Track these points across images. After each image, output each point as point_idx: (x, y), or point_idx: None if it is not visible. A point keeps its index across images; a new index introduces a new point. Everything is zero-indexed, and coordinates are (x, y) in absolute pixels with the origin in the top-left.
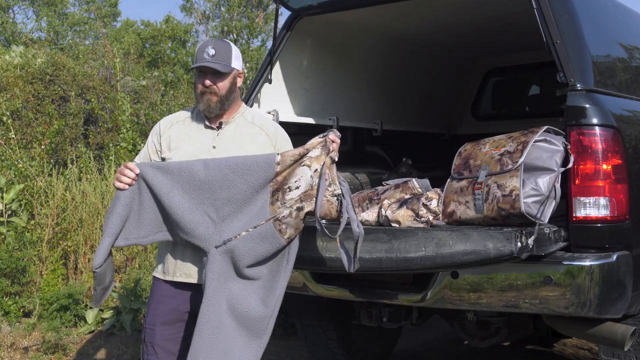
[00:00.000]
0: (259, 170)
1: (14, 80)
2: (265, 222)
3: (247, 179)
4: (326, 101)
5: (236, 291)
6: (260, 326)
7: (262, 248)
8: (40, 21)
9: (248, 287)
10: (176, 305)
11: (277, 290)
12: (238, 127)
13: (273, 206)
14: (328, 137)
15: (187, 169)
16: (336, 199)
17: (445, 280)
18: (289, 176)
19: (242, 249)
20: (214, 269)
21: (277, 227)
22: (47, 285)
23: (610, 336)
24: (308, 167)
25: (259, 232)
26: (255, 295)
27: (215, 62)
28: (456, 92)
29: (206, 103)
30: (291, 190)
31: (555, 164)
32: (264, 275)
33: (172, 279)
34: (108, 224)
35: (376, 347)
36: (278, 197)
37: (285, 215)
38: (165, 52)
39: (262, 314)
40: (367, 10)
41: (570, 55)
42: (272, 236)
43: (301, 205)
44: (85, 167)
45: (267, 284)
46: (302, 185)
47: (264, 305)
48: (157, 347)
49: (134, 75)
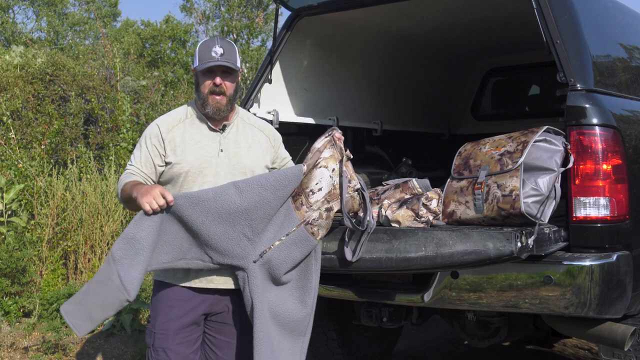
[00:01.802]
0: (290, 184)
1: (14, 80)
2: (296, 228)
3: (279, 194)
4: (326, 101)
5: (275, 298)
6: (302, 325)
7: (298, 252)
8: (40, 21)
9: (284, 292)
10: (191, 308)
11: (312, 289)
12: (238, 128)
13: (299, 211)
14: (335, 136)
15: (222, 195)
16: (357, 193)
17: (445, 280)
18: (308, 180)
19: (279, 258)
20: (257, 282)
21: (310, 230)
22: (47, 285)
23: (610, 336)
24: (325, 167)
25: (293, 239)
26: (292, 298)
27: (227, 61)
28: (456, 92)
29: (215, 106)
30: (314, 193)
31: (555, 164)
32: (297, 277)
33: (189, 284)
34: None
35: (376, 347)
36: (302, 202)
37: (316, 218)
38: (165, 52)
39: (303, 314)
40: (367, 10)
41: (570, 55)
42: (306, 240)
43: (329, 205)
44: (85, 167)
45: (302, 284)
46: (324, 186)
47: (303, 306)
48: (170, 351)
49: (134, 75)
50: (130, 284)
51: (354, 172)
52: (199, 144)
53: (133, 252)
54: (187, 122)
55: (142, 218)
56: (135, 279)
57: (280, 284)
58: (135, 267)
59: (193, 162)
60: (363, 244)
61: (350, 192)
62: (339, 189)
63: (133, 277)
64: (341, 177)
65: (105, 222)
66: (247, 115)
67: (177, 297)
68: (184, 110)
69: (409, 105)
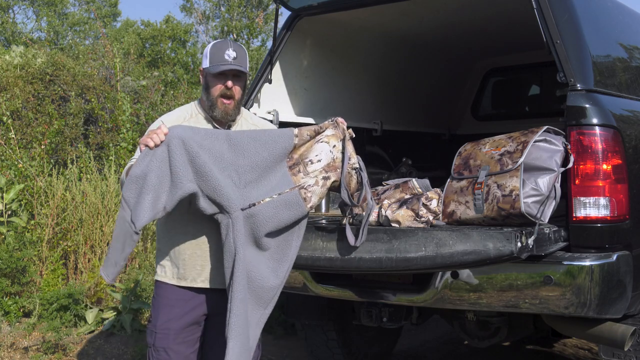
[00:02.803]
0: (280, 140)
1: (14, 80)
2: (290, 190)
3: (269, 147)
4: (326, 101)
5: (250, 258)
6: (268, 296)
7: (285, 214)
8: (40, 21)
9: (260, 256)
10: (192, 308)
11: (287, 262)
12: (242, 128)
13: (296, 177)
14: (338, 120)
15: (212, 136)
16: (355, 172)
17: (445, 280)
18: (307, 152)
19: (266, 214)
20: (240, 231)
21: (303, 194)
22: (47, 285)
23: (610, 336)
24: (327, 143)
25: (284, 199)
26: (265, 265)
27: (239, 65)
28: (456, 92)
29: (224, 110)
30: (313, 163)
31: (555, 164)
32: (275, 248)
33: (190, 284)
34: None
35: (376, 347)
36: (300, 169)
37: (312, 184)
38: (165, 52)
39: (273, 284)
40: (367, 10)
41: (570, 55)
42: (297, 203)
43: (327, 175)
44: (85, 167)
45: (278, 256)
46: (323, 158)
47: (274, 276)
48: (171, 351)
49: (134, 75)
50: (136, 217)
51: (354, 151)
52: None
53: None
54: (192, 121)
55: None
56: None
57: (260, 246)
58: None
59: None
60: (365, 226)
61: (348, 168)
62: (341, 163)
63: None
64: (343, 153)
65: (105, 222)
66: (250, 116)
67: (178, 297)
68: (190, 109)
69: (409, 105)
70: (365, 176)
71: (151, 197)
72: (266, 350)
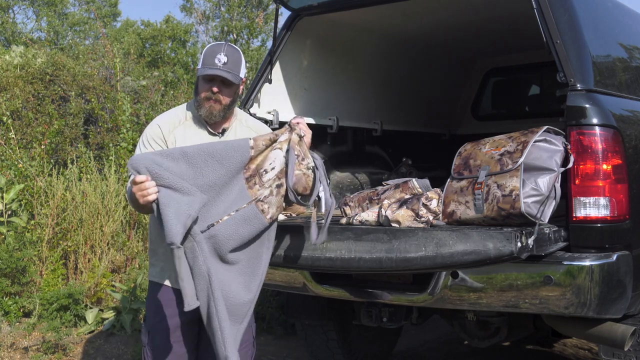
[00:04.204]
0: (235, 154)
1: (14, 80)
2: (247, 205)
3: (225, 163)
4: (326, 101)
5: (221, 276)
6: (242, 311)
7: (246, 230)
8: (40, 21)
9: (229, 273)
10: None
11: (259, 275)
12: (236, 131)
13: (252, 190)
14: (292, 122)
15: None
16: (311, 172)
17: (445, 280)
18: (263, 162)
19: (226, 233)
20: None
21: (260, 207)
22: (47, 285)
23: (610, 336)
24: (280, 149)
25: (242, 215)
26: (236, 282)
27: (228, 72)
28: (456, 92)
29: (209, 110)
30: (267, 172)
31: (555, 164)
32: (243, 260)
33: None
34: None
35: (376, 347)
36: (255, 181)
37: (267, 195)
38: (165, 52)
39: (246, 299)
40: (367, 10)
41: (570, 55)
42: (255, 217)
43: (280, 182)
44: (85, 167)
45: (248, 270)
46: (277, 166)
47: (247, 291)
48: (165, 350)
49: (134, 75)
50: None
51: (309, 151)
52: None
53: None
54: (186, 124)
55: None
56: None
57: (227, 263)
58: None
59: None
60: (326, 225)
61: (302, 169)
62: (285, 165)
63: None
64: (288, 152)
65: (105, 222)
66: (245, 117)
67: (171, 297)
68: (182, 112)
69: (409, 105)
70: (321, 173)
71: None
72: (266, 350)
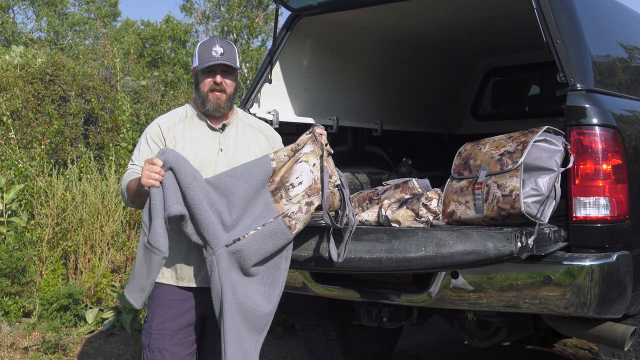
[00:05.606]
0: (257, 170)
1: (14, 80)
2: (274, 220)
3: (248, 180)
4: (326, 101)
5: (241, 290)
6: (263, 322)
7: (271, 245)
8: (40, 21)
9: (250, 284)
10: (188, 309)
11: (279, 286)
12: (238, 128)
13: (278, 204)
14: (315, 132)
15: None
16: (337, 189)
17: (445, 280)
18: (288, 174)
19: (252, 248)
20: (225, 268)
21: (287, 223)
22: (47, 285)
23: (610, 336)
24: (306, 162)
25: (269, 230)
26: (257, 293)
27: (227, 60)
28: (456, 92)
29: (216, 102)
30: (294, 187)
31: (555, 164)
32: (265, 273)
33: (188, 284)
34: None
35: (376, 347)
36: (282, 195)
37: (295, 211)
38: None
39: (267, 311)
40: (367, 10)
41: (570, 55)
42: (282, 233)
43: (310, 200)
44: (85, 167)
45: (269, 280)
46: (304, 180)
47: (268, 302)
48: (167, 352)
49: (134, 75)
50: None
51: (335, 167)
52: (198, 142)
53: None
54: (187, 121)
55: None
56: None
57: (249, 276)
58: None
59: (193, 160)
60: (347, 243)
61: (330, 187)
62: (320, 183)
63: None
64: (322, 172)
65: (105, 222)
66: (246, 116)
67: (174, 297)
68: (184, 110)
69: (409, 105)
70: (347, 193)
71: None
72: (266, 350)
